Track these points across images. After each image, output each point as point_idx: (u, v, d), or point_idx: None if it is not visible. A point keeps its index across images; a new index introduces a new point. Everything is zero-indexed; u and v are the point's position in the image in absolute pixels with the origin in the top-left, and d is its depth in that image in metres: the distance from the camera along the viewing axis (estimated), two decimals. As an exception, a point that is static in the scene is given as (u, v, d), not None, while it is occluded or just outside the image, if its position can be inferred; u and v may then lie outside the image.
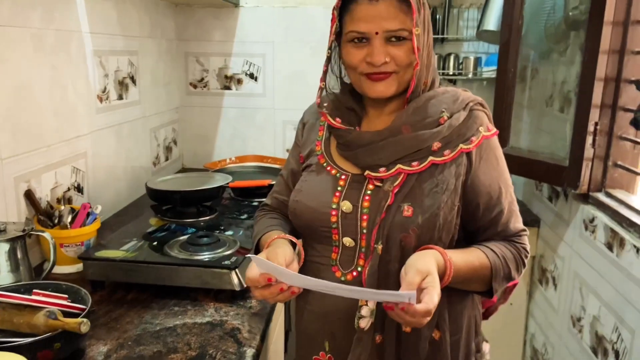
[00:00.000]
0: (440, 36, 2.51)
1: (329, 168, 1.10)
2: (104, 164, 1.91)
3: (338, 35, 1.07)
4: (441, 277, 0.93)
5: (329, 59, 1.10)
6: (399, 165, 1.01)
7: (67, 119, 1.65)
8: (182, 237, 1.50)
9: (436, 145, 1.01)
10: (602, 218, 1.63)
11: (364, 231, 1.03)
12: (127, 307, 1.27)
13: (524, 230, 1.09)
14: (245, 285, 1.30)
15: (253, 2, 2.61)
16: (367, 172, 1.04)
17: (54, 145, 1.59)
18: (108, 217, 1.88)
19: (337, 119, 1.09)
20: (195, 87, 2.72)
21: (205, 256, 1.37)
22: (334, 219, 1.05)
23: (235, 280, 1.30)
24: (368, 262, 1.02)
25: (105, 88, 1.89)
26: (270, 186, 1.97)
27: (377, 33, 0.99)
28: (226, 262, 1.32)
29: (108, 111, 1.92)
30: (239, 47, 2.66)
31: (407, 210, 0.99)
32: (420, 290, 0.87)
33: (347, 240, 1.05)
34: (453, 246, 1.04)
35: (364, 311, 1.00)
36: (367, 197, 1.03)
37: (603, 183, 1.72)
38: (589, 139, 1.68)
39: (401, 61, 1.00)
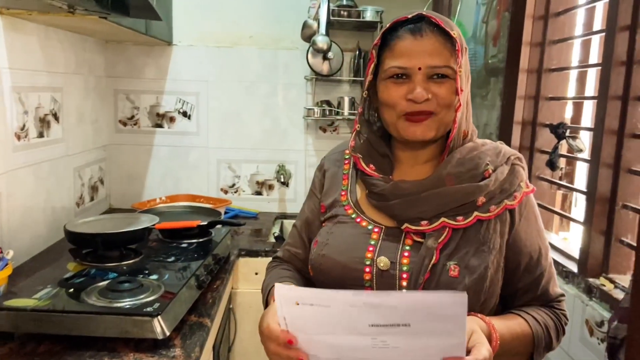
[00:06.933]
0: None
1: (358, 220, 1.00)
2: (21, 205, 1.80)
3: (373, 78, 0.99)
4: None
5: (365, 100, 1.03)
6: (443, 219, 0.93)
7: (-21, 158, 1.56)
8: (101, 283, 1.42)
9: (481, 200, 0.94)
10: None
11: (404, 291, 0.92)
12: (37, 362, 1.18)
13: (563, 295, 1.02)
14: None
15: (187, 41, 2.60)
16: (405, 225, 0.95)
17: (-37, 186, 1.48)
18: (23, 262, 1.76)
19: (371, 166, 1.02)
20: (125, 124, 2.65)
21: (125, 303, 1.30)
22: (367, 277, 0.94)
23: (158, 329, 1.24)
24: None
25: (24, 125, 1.80)
26: (200, 227, 1.93)
27: (419, 69, 0.92)
28: (148, 309, 1.26)
29: (27, 149, 1.83)
30: (172, 85, 2.62)
31: (454, 269, 0.90)
32: (467, 351, 0.79)
33: None
34: (493, 313, 0.95)
35: None
36: (406, 253, 0.94)
37: (524, 221, 1.78)
38: (510, 180, 1.75)
39: (443, 100, 0.93)
